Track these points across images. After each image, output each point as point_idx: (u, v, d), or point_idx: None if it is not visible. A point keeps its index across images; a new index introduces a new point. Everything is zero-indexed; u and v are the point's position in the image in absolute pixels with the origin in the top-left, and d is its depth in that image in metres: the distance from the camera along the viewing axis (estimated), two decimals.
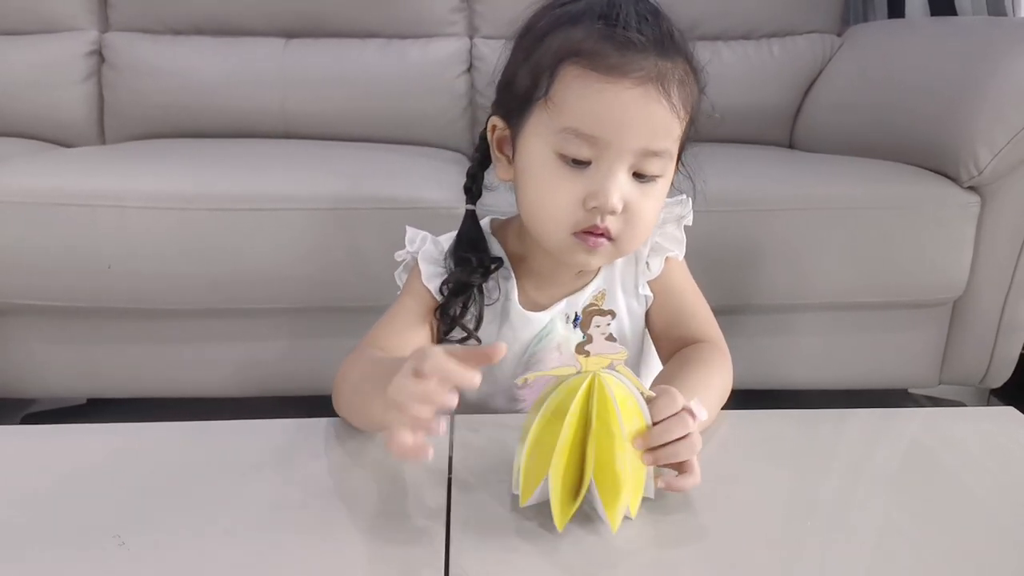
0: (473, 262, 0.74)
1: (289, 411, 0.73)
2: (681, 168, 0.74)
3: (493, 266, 0.75)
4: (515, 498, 0.57)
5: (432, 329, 0.76)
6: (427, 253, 0.77)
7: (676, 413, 0.56)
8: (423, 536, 0.54)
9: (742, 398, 0.74)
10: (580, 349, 0.53)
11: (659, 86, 0.63)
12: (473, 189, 0.79)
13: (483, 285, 0.75)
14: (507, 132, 0.72)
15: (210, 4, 1.69)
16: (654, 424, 0.55)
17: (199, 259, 1.20)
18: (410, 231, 0.79)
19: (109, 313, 1.26)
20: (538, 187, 0.68)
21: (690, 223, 0.79)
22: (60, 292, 1.22)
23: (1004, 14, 1.61)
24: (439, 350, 0.50)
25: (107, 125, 1.72)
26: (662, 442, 0.54)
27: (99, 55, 1.71)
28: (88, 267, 1.19)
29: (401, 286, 0.80)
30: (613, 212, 0.65)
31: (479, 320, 0.75)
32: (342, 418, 0.70)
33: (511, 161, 0.72)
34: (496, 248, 0.78)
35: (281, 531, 0.55)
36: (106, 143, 1.71)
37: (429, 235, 0.78)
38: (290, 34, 1.72)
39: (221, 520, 0.56)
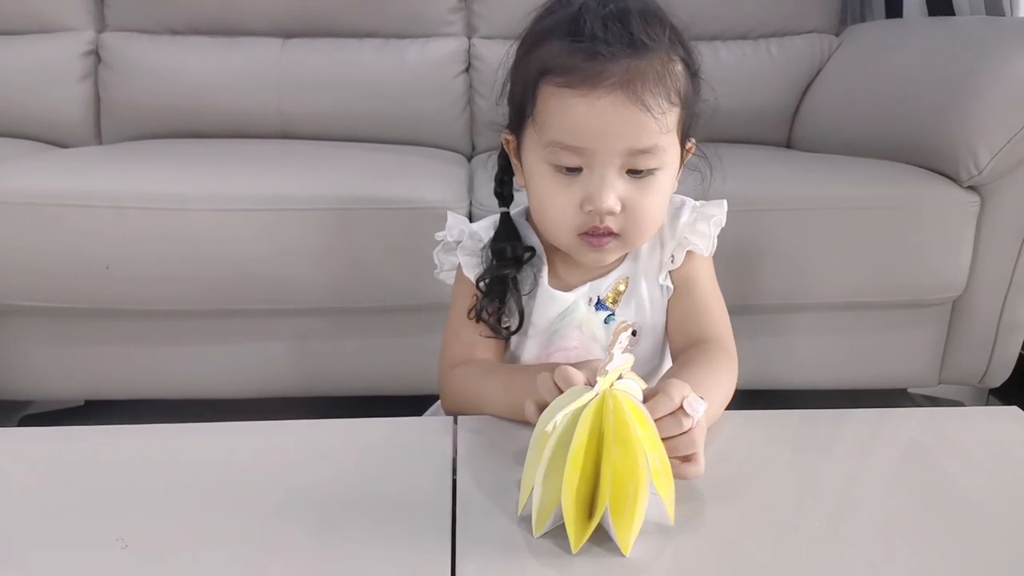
0: (508, 252, 0.78)
1: (289, 413, 0.73)
2: (698, 150, 0.76)
3: (527, 255, 0.79)
4: (519, 497, 0.57)
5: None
6: (464, 248, 0.81)
7: (672, 413, 0.57)
8: (428, 540, 0.53)
9: (740, 398, 0.74)
10: (602, 370, 0.54)
11: (632, 90, 0.65)
12: (504, 194, 0.82)
13: (517, 278, 0.78)
14: (516, 143, 0.76)
15: (207, 4, 1.69)
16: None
17: (197, 260, 1.20)
18: (451, 217, 0.83)
19: (107, 314, 1.25)
20: (540, 196, 0.72)
21: (723, 224, 0.80)
22: (57, 293, 1.22)
23: (1002, 14, 1.61)
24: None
25: (103, 125, 1.72)
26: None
27: (95, 55, 1.71)
28: (85, 268, 1.19)
29: (438, 263, 0.84)
30: (610, 213, 0.69)
31: (521, 315, 0.78)
32: (454, 411, 0.75)
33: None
34: (531, 236, 0.81)
35: (282, 535, 0.54)
36: (102, 143, 1.71)
37: (467, 228, 0.82)
38: (287, 34, 1.72)
39: (222, 523, 0.56)
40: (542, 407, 0.59)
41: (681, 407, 0.57)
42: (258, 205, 1.19)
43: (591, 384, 0.57)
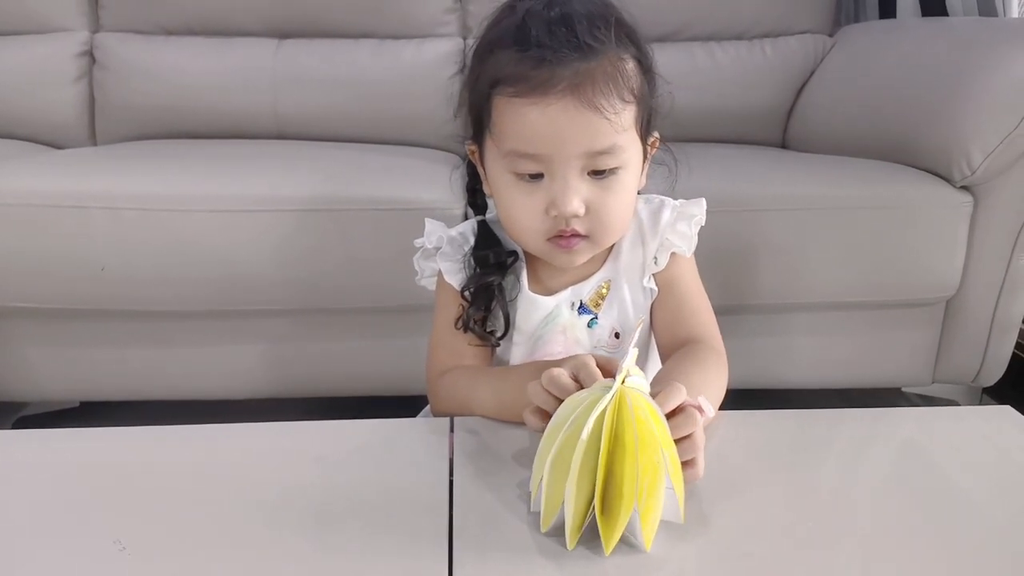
0: (491, 259, 0.78)
1: (286, 414, 0.73)
2: (663, 147, 0.76)
3: (510, 260, 0.78)
4: (517, 497, 0.57)
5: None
6: (444, 254, 0.80)
7: (683, 410, 0.57)
8: (425, 542, 0.54)
9: (736, 398, 0.74)
10: (619, 368, 0.54)
11: (581, 93, 0.65)
12: (477, 202, 0.82)
13: (502, 284, 0.78)
14: (479, 153, 0.76)
15: (202, 4, 1.69)
16: None
17: (192, 261, 1.20)
18: (429, 223, 0.82)
19: (102, 315, 1.25)
20: (505, 204, 0.73)
21: (703, 223, 0.80)
22: (53, 294, 1.21)
23: (995, 14, 1.62)
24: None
25: (98, 126, 1.71)
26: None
27: (90, 56, 1.70)
28: (81, 269, 1.19)
29: (419, 270, 0.84)
30: (575, 216, 0.69)
31: (507, 320, 0.77)
32: (445, 413, 0.75)
33: None
34: (509, 241, 0.81)
35: (279, 536, 0.54)
36: (97, 144, 1.71)
37: (446, 234, 0.81)
38: (283, 35, 1.72)
39: (219, 523, 0.56)
40: (540, 415, 0.59)
41: (694, 405, 0.58)
42: (254, 206, 1.19)
43: (576, 379, 0.58)
